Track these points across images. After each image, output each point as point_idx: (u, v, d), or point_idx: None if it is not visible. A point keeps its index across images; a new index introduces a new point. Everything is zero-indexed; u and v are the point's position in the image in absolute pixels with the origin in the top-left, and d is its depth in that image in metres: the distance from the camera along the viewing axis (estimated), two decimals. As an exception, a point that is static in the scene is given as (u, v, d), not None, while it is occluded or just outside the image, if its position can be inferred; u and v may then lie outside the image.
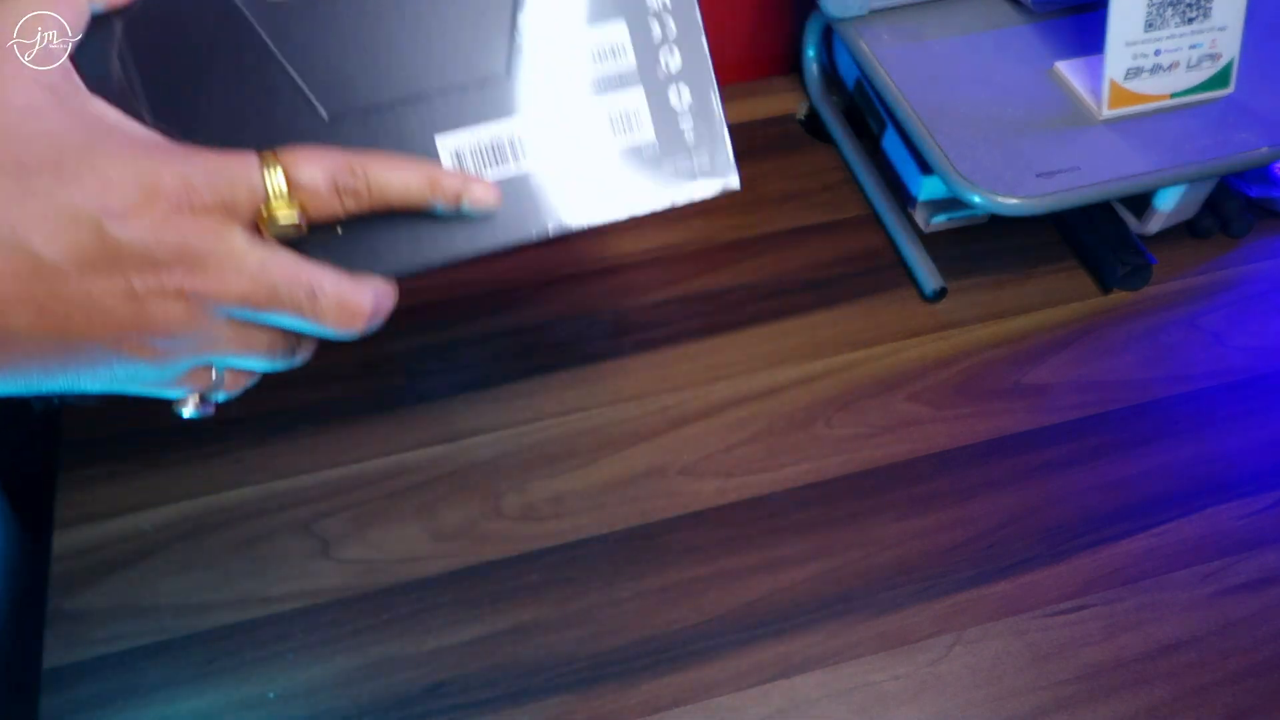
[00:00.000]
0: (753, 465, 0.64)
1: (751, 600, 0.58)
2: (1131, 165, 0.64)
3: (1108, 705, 0.55)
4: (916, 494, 0.63)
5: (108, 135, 0.30)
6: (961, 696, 0.55)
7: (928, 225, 0.75)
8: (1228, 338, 0.71)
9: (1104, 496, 0.63)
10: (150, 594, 0.58)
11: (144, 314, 0.29)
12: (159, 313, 0.29)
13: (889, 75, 0.70)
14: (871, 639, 0.57)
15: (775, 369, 0.69)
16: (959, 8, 0.76)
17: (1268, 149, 0.65)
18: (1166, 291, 0.74)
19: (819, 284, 0.74)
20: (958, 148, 0.65)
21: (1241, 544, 0.61)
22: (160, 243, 0.29)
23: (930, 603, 0.58)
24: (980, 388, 0.68)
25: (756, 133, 0.85)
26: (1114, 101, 0.66)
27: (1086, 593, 0.59)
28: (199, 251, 0.29)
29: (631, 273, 0.74)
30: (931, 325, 0.72)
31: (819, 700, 0.55)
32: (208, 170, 0.30)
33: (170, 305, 0.29)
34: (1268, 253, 0.76)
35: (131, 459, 0.64)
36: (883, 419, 0.66)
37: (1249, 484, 0.64)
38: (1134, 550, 0.61)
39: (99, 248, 0.28)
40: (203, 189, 0.30)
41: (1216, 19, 0.65)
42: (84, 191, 0.28)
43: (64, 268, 0.27)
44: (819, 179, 0.81)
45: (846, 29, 0.74)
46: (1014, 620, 0.58)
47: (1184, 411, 0.67)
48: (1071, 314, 0.72)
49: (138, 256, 0.29)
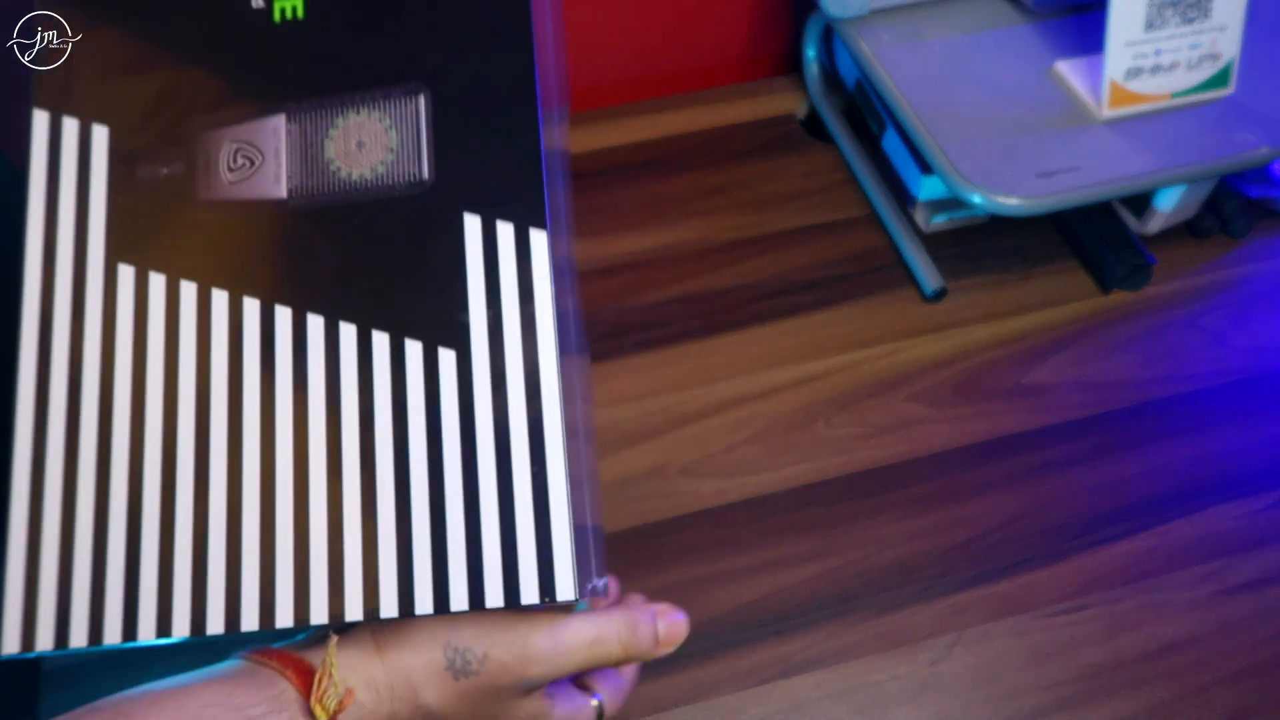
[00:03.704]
0: (753, 465, 0.64)
1: (751, 600, 0.58)
2: (1131, 165, 0.64)
3: (1108, 705, 0.55)
4: (916, 494, 0.63)
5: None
6: (961, 696, 0.55)
7: (928, 225, 0.75)
8: (1228, 338, 0.71)
9: (1104, 496, 0.63)
10: (150, 594, 0.58)
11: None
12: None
13: (889, 75, 0.70)
14: (871, 639, 0.57)
15: (775, 369, 0.69)
16: (959, 8, 0.76)
17: (1268, 149, 0.65)
18: (1166, 291, 0.74)
19: (819, 284, 0.74)
20: (958, 148, 0.65)
21: (1241, 544, 0.61)
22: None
23: (930, 603, 0.58)
24: (980, 388, 0.68)
25: (756, 133, 0.85)
26: (1114, 101, 0.66)
27: (1086, 593, 0.59)
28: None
29: (631, 273, 0.74)
30: (931, 325, 0.72)
31: (819, 700, 0.55)
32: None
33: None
34: (1268, 253, 0.76)
35: (131, 459, 0.64)
36: (883, 419, 0.66)
37: (1249, 484, 0.64)
38: (1134, 550, 0.61)
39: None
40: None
41: (1216, 19, 0.65)
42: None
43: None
44: (819, 179, 0.81)
45: (846, 29, 0.74)
46: (1014, 620, 0.58)
47: (1184, 411, 0.67)
48: (1071, 314, 0.72)
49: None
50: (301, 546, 0.34)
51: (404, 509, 0.35)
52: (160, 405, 0.36)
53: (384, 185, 0.38)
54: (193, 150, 0.39)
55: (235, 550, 0.35)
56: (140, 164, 0.39)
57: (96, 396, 0.36)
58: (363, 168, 0.38)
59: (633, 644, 0.38)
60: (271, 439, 0.36)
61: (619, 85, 0.88)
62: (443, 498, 0.35)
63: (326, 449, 0.35)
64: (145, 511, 0.35)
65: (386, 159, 0.38)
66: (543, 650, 0.35)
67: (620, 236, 0.76)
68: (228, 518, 0.35)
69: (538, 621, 0.36)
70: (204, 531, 0.35)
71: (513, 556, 0.34)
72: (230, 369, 0.36)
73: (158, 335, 0.37)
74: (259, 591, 0.35)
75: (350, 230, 0.38)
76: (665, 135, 0.84)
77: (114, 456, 0.36)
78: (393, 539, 0.34)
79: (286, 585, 0.35)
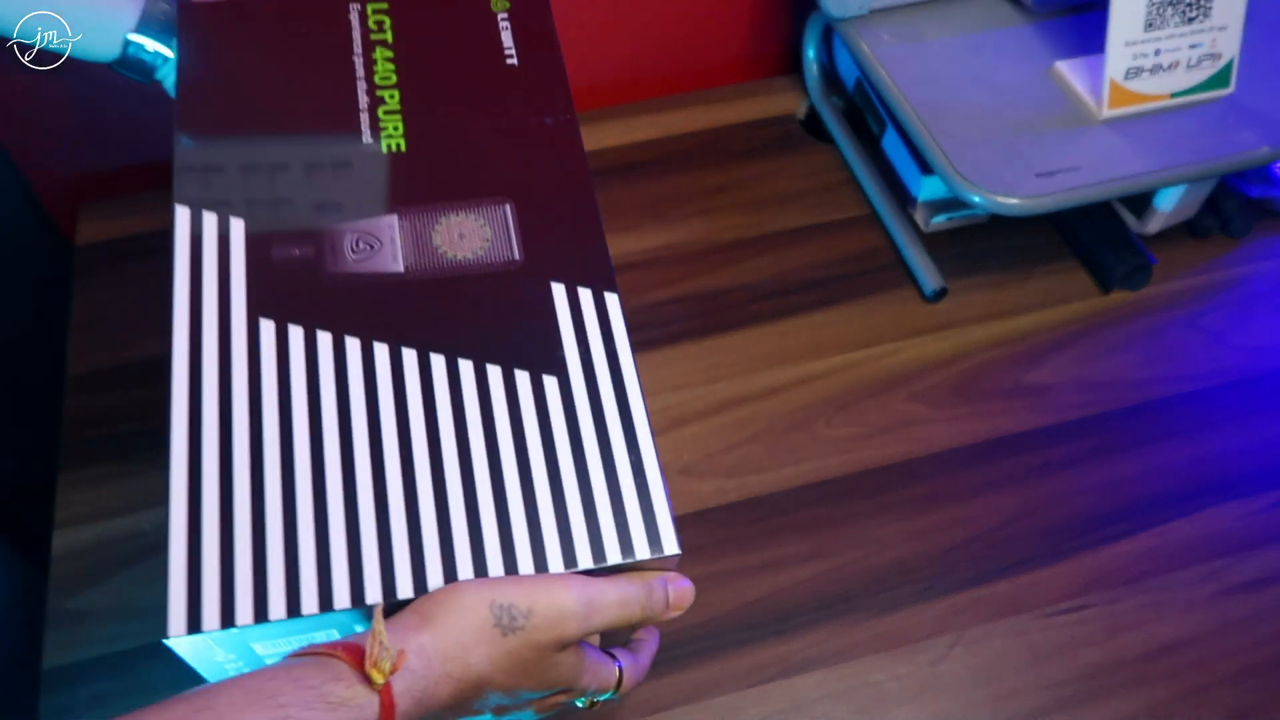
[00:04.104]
0: (753, 465, 0.64)
1: (751, 600, 0.58)
2: (1131, 165, 0.64)
3: (1108, 705, 0.55)
4: (916, 494, 0.63)
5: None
6: (961, 696, 0.55)
7: (928, 225, 0.75)
8: (1228, 338, 0.71)
9: (1104, 496, 0.63)
10: (150, 594, 0.58)
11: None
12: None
13: (889, 75, 0.70)
14: (871, 639, 0.57)
15: (775, 369, 0.69)
16: (959, 8, 0.76)
17: (1268, 149, 0.65)
18: (1166, 291, 0.74)
19: (819, 284, 0.74)
20: (958, 148, 0.65)
21: (1241, 544, 0.61)
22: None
23: (930, 603, 0.58)
24: (980, 388, 0.68)
25: (756, 133, 0.85)
26: (1114, 101, 0.66)
27: (1086, 593, 0.59)
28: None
29: (631, 273, 0.74)
30: (931, 325, 0.72)
31: (819, 700, 0.55)
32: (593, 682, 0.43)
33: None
34: (1268, 253, 0.76)
35: (131, 459, 0.64)
36: (883, 419, 0.66)
37: (1249, 484, 0.64)
38: (1134, 550, 0.61)
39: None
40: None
41: (1216, 19, 0.65)
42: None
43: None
44: (819, 179, 0.81)
45: (846, 29, 0.74)
46: (1014, 620, 0.58)
47: (1184, 411, 0.67)
48: (1071, 314, 0.72)
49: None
50: (445, 528, 0.40)
51: (529, 493, 0.41)
52: (306, 423, 0.42)
53: (484, 263, 0.47)
54: (320, 237, 0.47)
55: (385, 535, 0.40)
56: (275, 247, 0.46)
57: (247, 418, 0.42)
58: (465, 251, 0.47)
59: (649, 606, 0.41)
60: (409, 445, 0.42)
61: (619, 85, 0.88)
62: (560, 483, 0.42)
63: (458, 452, 0.42)
64: (299, 507, 0.40)
65: (484, 245, 0.47)
66: (577, 608, 0.39)
67: (620, 236, 0.76)
68: (376, 510, 0.40)
69: (571, 582, 0.39)
70: (356, 524, 0.40)
71: (624, 522, 0.41)
72: (366, 393, 0.43)
73: (299, 370, 0.43)
74: (410, 562, 0.40)
75: (459, 293, 0.46)
76: (665, 135, 0.84)
77: (266, 469, 0.41)
78: (523, 517, 0.41)
79: (434, 556, 0.40)
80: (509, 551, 0.40)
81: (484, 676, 0.38)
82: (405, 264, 0.47)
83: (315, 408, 0.42)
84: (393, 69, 0.53)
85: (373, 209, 0.48)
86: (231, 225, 0.46)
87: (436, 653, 0.37)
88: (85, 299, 0.73)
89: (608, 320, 0.46)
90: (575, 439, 0.43)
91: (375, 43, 0.54)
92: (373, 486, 0.41)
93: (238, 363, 0.43)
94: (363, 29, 0.55)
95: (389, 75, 0.53)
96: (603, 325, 0.46)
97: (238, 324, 0.44)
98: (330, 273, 0.46)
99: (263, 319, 0.44)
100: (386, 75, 0.53)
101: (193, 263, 0.45)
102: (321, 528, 0.40)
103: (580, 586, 0.40)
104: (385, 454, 0.42)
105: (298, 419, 0.42)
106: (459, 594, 0.38)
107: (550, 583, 0.39)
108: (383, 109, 0.52)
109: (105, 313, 0.72)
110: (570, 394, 0.44)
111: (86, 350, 0.70)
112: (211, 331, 0.44)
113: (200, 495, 0.40)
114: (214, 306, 0.44)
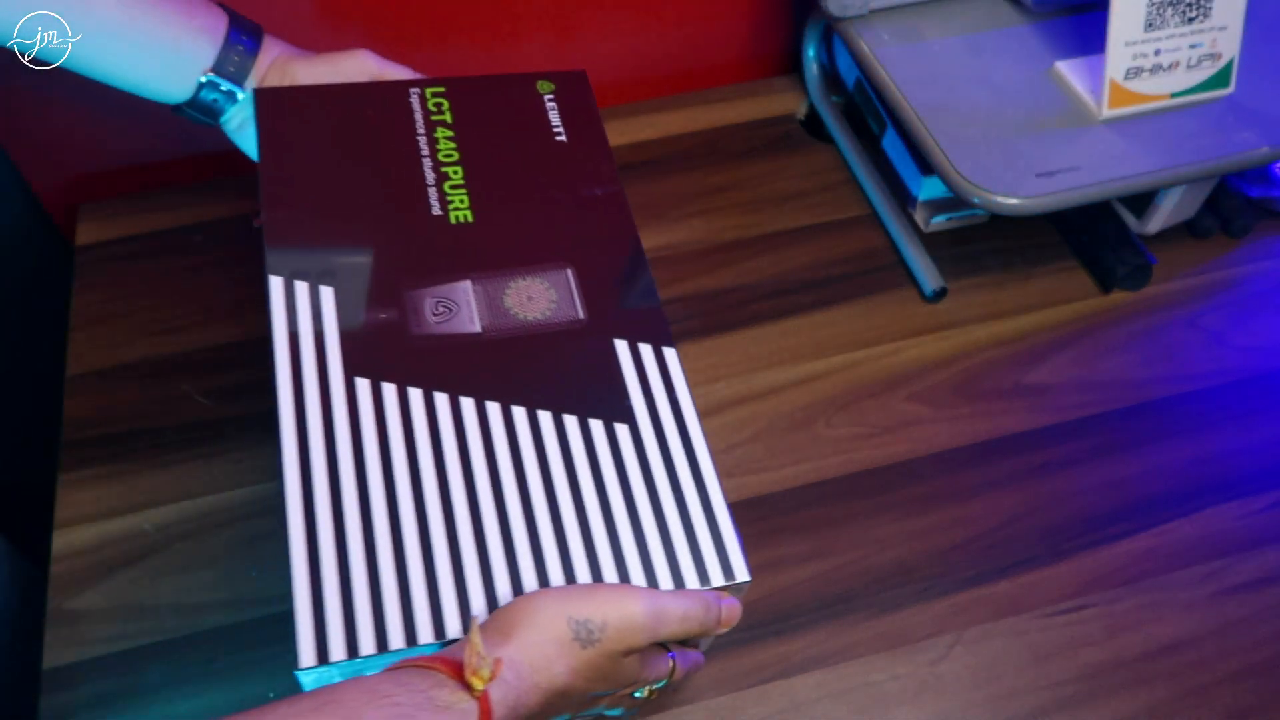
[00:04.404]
0: (753, 465, 0.64)
1: (751, 600, 0.58)
2: (1131, 165, 0.64)
3: (1108, 705, 0.55)
4: (916, 494, 0.63)
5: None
6: (961, 696, 0.55)
7: (928, 225, 0.75)
8: (1228, 338, 0.71)
9: (1104, 496, 0.63)
10: (150, 594, 0.58)
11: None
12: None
13: (889, 75, 0.70)
14: (871, 639, 0.57)
15: (775, 369, 0.69)
16: (959, 8, 0.76)
17: (1268, 149, 0.65)
18: (1166, 291, 0.74)
19: (819, 284, 0.74)
20: (958, 148, 0.65)
21: (1241, 544, 0.61)
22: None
23: (930, 603, 0.58)
24: (980, 388, 0.68)
25: (756, 133, 0.85)
26: (1114, 101, 0.66)
27: (1086, 593, 0.59)
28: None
29: (631, 273, 0.74)
30: (931, 325, 0.72)
31: (819, 700, 0.55)
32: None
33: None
34: (1268, 253, 0.76)
35: (131, 459, 0.64)
36: (883, 419, 0.66)
37: (1249, 484, 0.64)
38: (1134, 550, 0.61)
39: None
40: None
41: (1216, 19, 0.65)
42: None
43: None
44: (819, 179, 0.81)
45: (846, 29, 0.74)
46: (1014, 620, 0.58)
47: (1184, 411, 0.67)
48: (1071, 314, 0.72)
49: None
50: (539, 561, 0.44)
51: (612, 530, 0.46)
52: (406, 470, 0.46)
53: (552, 323, 0.51)
54: (403, 302, 0.51)
55: (486, 570, 0.44)
56: (363, 312, 0.50)
57: (352, 467, 0.46)
58: (534, 312, 0.52)
59: (705, 621, 0.44)
60: (499, 488, 0.46)
61: (619, 85, 0.88)
62: (639, 520, 0.46)
63: (545, 494, 0.46)
64: (407, 546, 0.44)
65: (550, 306, 0.52)
66: (646, 620, 0.42)
67: (620, 236, 0.76)
68: (476, 548, 0.44)
69: (640, 595, 0.42)
70: (459, 561, 0.44)
71: (699, 553, 0.46)
72: (458, 442, 0.47)
73: (395, 423, 0.47)
74: (511, 592, 0.44)
75: (532, 351, 0.50)
76: (665, 135, 0.84)
77: (374, 514, 0.44)
78: (609, 552, 0.45)
79: (532, 587, 0.44)
80: (597, 575, 0.44)
81: (568, 686, 0.41)
82: (482, 325, 0.51)
83: (413, 455, 0.46)
84: (454, 147, 0.58)
85: (448, 275, 0.53)
86: (322, 293, 0.51)
87: (525, 665, 0.39)
88: (85, 299, 0.73)
89: (668, 372, 0.51)
90: (649, 480, 0.47)
91: (436, 123, 0.59)
92: (471, 526, 0.45)
93: (339, 418, 0.47)
94: (423, 111, 0.59)
95: (451, 153, 0.58)
96: (664, 376, 0.51)
97: (336, 383, 0.48)
98: (415, 334, 0.50)
99: (358, 378, 0.48)
100: (449, 153, 0.58)
101: (290, 328, 0.49)
102: (429, 564, 0.43)
103: (648, 599, 0.42)
104: (479, 496, 0.46)
105: (398, 466, 0.46)
106: (535, 608, 0.41)
107: (620, 595, 0.42)
108: (448, 184, 0.56)
109: (105, 313, 0.72)
110: (640, 439, 0.49)
111: (86, 350, 0.70)
112: (313, 390, 0.47)
113: (317, 542, 0.43)
114: (313, 368, 0.48)
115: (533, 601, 0.41)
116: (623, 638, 0.41)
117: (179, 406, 0.67)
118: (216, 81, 0.57)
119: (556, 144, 0.60)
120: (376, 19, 0.78)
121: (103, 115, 0.78)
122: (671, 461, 0.48)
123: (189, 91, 0.58)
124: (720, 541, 0.46)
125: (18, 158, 0.80)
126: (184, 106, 0.59)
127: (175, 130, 0.81)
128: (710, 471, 0.48)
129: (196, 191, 0.81)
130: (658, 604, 0.43)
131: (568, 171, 0.59)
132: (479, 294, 0.52)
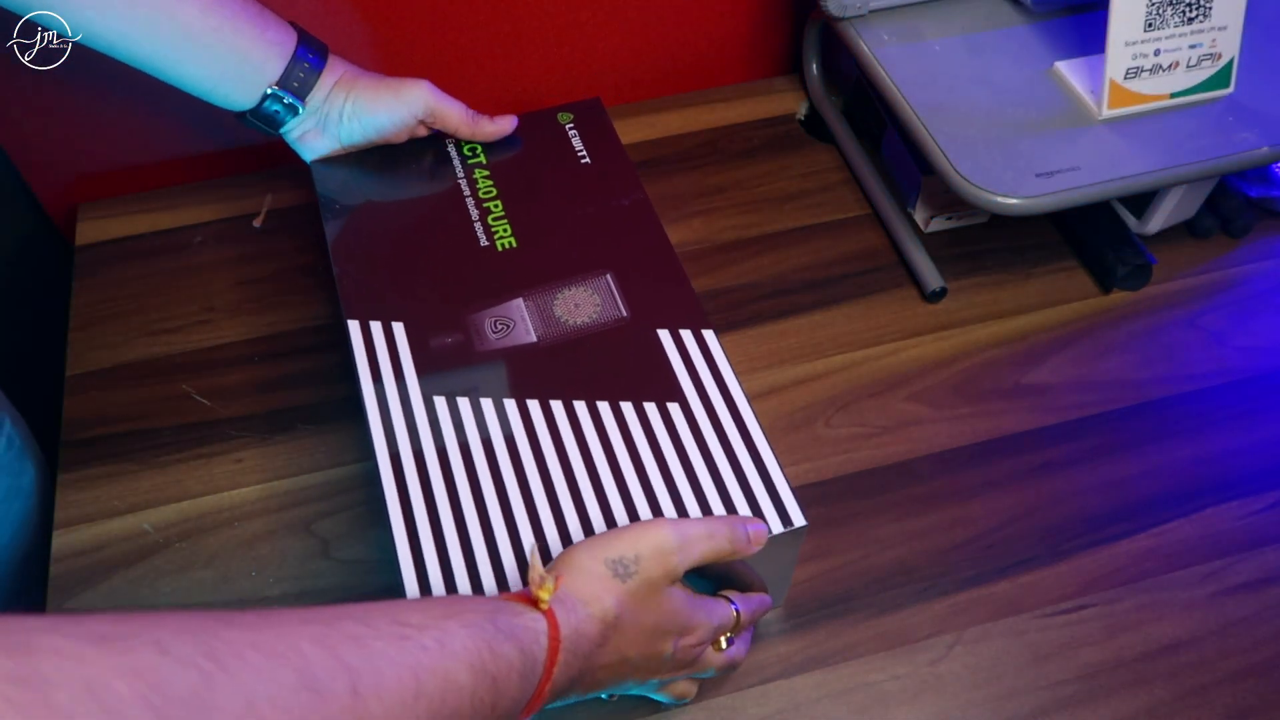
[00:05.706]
0: (753, 465, 0.64)
1: (751, 600, 0.58)
2: (1131, 165, 0.64)
3: (1108, 705, 0.55)
4: (916, 494, 0.63)
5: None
6: (961, 696, 0.55)
7: (928, 225, 0.75)
8: (1228, 338, 0.71)
9: (1104, 496, 0.63)
10: (150, 594, 0.58)
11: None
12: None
13: (889, 75, 0.70)
14: (871, 639, 0.57)
15: (775, 369, 0.69)
16: (959, 8, 0.76)
17: (1268, 149, 0.65)
18: (1166, 291, 0.74)
19: (819, 284, 0.74)
20: (958, 148, 0.65)
21: (1241, 544, 0.61)
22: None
23: (930, 603, 0.58)
24: (980, 388, 0.68)
25: (756, 133, 0.85)
26: (1114, 101, 0.66)
27: (1086, 593, 0.59)
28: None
29: (631, 273, 0.74)
30: (931, 325, 0.72)
31: (819, 700, 0.55)
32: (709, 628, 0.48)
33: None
34: (1268, 253, 0.76)
35: (131, 459, 0.64)
36: (882, 419, 0.66)
37: (1249, 484, 0.64)
38: (1134, 550, 0.61)
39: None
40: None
41: (1216, 19, 0.65)
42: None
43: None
44: (819, 179, 0.81)
45: (846, 29, 0.74)
46: (1014, 620, 0.58)
47: (1184, 411, 0.67)
48: (1071, 314, 0.72)
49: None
50: (610, 521, 0.50)
51: (676, 497, 0.50)
52: (488, 471, 0.51)
53: (599, 324, 0.57)
54: (465, 325, 0.57)
55: (566, 538, 0.49)
56: (431, 338, 0.56)
57: (440, 475, 0.51)
58: (582, 317, 0.58)
59: (734, 539, 0.47)
60: (573, 476, 0.51)
61: (619, 85, 0.88)
62: (699, 484, 0.51)
63: (613, 476, 0.51)
64: (497, 535, 0.49)
65: (596, 310, 0.58)
66: (674, 542, 0.45)
67: (620, 236, 0.76)
68: (558, 530, 0.49)
69: (664, 523, 0.46)
70: (545, 544, 0.49)
71: (756, 505, 0.50)
72: (529, 440, 0.52)
73: (473, 432, 0.53)
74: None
75: (585, 351, 0.56)
76: (665, 135, 0.84)
77: (465, 511, 0.50)
78: (672, 509, 0.50)
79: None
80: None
81: (620, 616, 0.43)
82: (537, 335, 0.57)
83: (492, 457, 0.52)
84: (491, 184, 0.65)
85: (502, 296, 0.59)
86: (394, 329, 0.57)
87: (575, 598, 0.43)
88: (85, 299, 0.73)
89: (709, 350, 0.56)
90: (703, 447, 0.52)
91: (473, 165, 0.67)
92: (551, 511, 0.50)
93: (424, 434, 0.52)
94: (460, 156, 0.67)
95: (490, 189, 0.65)
96: (705, 355, 0.56)
97: (417, 404, 0.54)
98: (479, 351, 0.56)
99: (435, 397, 0.54)
100: (488, 190, 0.65)
101: (370, 364, 0.55)
102: (519, 548, 0.49)
103: (672, 525, 0.46)
104: (555, 485, 0.51)
105: (480, 469, 0.51)
106: (574, 558, 0.44)
107: (645, 526, 0.46)
108: (490, 217, 0.63)
109: (105, 313, 0.72)
110: (692, 412, 0.54)
111: (86, 350, 0.70)
112: (399, 414, 0.53)
113: (420, 546, 0.49)
114: (395, 394, 0.54)
115: (569, 554, 0.45)
116: (657, 563, 0.45)
117: (179, 406, 0.67)
118: (280, 94, 0.61)
119: (582, 166, 0.67)
120: (377, 19, 0.78)
121: (103, 116, 0.78)
122: (722, 428, 0.53)
123: (254, 100, 0.61)
124: (776, 493, 0.51)
125: (18, 158, 0.80)
126: (247, 115, 0.62)
127: (175, 130, 0.81)
128: (758, 432, 0.53)
129: (196, 191, 0.81)
130: (681, 525, 0.46)
131: (595, 188, 0.65)
132: (531, 308, 0.58)
